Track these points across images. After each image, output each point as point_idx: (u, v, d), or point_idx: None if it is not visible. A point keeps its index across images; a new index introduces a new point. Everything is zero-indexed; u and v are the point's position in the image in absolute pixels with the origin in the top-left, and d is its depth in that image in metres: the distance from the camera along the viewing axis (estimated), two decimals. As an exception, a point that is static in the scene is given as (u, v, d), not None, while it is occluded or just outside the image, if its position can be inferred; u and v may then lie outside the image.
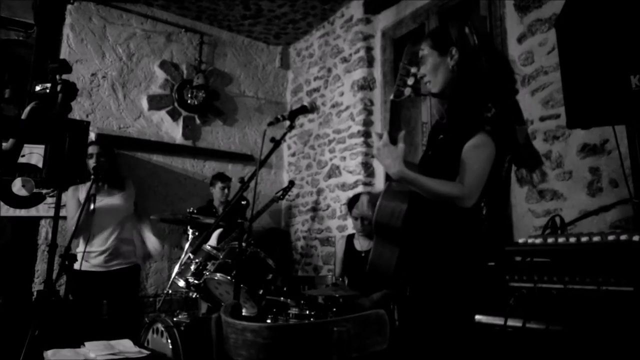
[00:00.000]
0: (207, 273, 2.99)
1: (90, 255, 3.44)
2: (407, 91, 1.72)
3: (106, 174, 3.55)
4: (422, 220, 1.71)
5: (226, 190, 4.44)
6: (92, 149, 3.53)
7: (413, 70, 1.73)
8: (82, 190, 3.48)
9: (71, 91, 2.04)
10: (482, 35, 1.76)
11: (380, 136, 1.69)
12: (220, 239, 3.83)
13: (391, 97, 1.77)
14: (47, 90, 2.01)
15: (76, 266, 3.41)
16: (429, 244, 1.75)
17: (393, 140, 1.67)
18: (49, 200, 4.11)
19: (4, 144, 2.15)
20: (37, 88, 2.01)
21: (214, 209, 4.41)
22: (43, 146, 2.11)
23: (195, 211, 3.57)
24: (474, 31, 1.72)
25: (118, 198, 3.61)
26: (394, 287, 3.14)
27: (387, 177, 1.80)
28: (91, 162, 3.48)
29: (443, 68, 1.79)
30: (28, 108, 2.02)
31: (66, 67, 2.08)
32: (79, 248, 3.49)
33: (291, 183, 4.83)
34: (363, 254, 3.50)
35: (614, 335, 1.18)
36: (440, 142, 1.80)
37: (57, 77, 2.03)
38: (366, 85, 4.47)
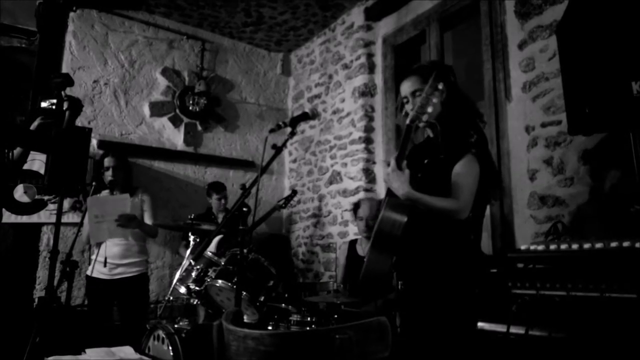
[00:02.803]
0: (209, 280, 2.99)
1: (100, 263, 3.45)
2: (425, 117, 1.86)
3: (121, 186, 3.58)
4: (420, 230, 1.91)
5: (223, 201, 4.41)
6: (108, 162, 3.56)
7: (434, 100, 1.87)
8: None
9: (77, 108, 2.07)
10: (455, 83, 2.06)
11: (388, 164, 1.91)
12: (219, 245, 3.83)
13: (407, 121, 1.89)
14: (54, 107, 2.03)
15: (88, 272, 3.47)
16: (427, 253, 1.94)
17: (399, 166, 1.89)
18: (51, 206, 4.11)
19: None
20: (43, 104, 2.03)
21: (213, 216, 4.39)
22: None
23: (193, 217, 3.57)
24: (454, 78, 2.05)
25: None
26: (387, 292, 3.19)
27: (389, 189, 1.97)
28: (107, 175, 3.53)
29: (436, 101, 1.99)
30: (36, 123, 2.04)
31: (69, 81, 2.10)
32: (93, 255, 3.53)
33: (294, 192, 4.80)
34: (366, 260, 3.49)
35: (618, 343, 1.18)
36: (428, 165, 2.04)
37: (63, 92, 2.05)
38: (367, 91, 4.47)
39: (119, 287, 3.46)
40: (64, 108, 2.01)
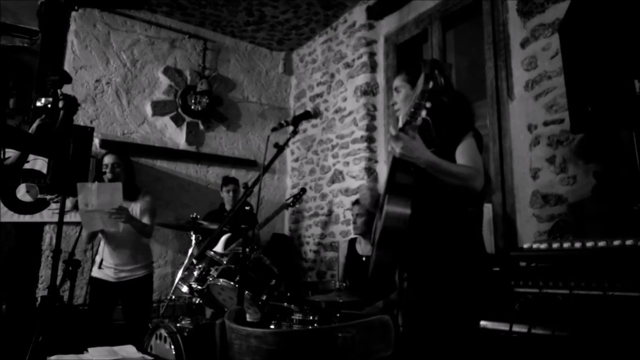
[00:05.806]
0: (211, 279, 2.99)
1: (104, 265, 3.41)
2: (418, 122, 1.76)
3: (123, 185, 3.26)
4: (422, 222, 1.87)
5: (231, 194, 4.40)
6: (107, 159, 3.43)
7: (428, 105, 1.76)
8: None
9: (73, 106, 2.04)
10: (447, 78, 1.90)
11: (397, 137, 1.76)
12: (227, 244, 3.82)
13: (403, 120, 1.81)
14: (49, 105, 2.00)
15: (93, 273, 3.43)
16: (433, 247, 1.90)
17: None
18: (53, 205, 4.12)
19: (11, 155, 2.18)
20: (39, 103, 2.01)
21: (225, 212, 4.39)
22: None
23: (198, 216, 3.57)
24: (442, 74, 1.86)
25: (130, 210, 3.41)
26: (389, 291, 3.19)
27: (389, 187, 1.88)
28: (107, 174, 3.39)
29: (429, 106, 1.91)
30: (35, 125, 2.03)
31: (66, 78, 2.08)
32: (98, 256, 3.47)
33: (303, 190, 4.77)
34: (364, 258, 3.50)
35: (621, 341, 1.17)
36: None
37: (59, 90, 2.03)
38: (369, 90, 4.47)
39: (124, 288, 3.41)
40: (60, 107, 2.00)
